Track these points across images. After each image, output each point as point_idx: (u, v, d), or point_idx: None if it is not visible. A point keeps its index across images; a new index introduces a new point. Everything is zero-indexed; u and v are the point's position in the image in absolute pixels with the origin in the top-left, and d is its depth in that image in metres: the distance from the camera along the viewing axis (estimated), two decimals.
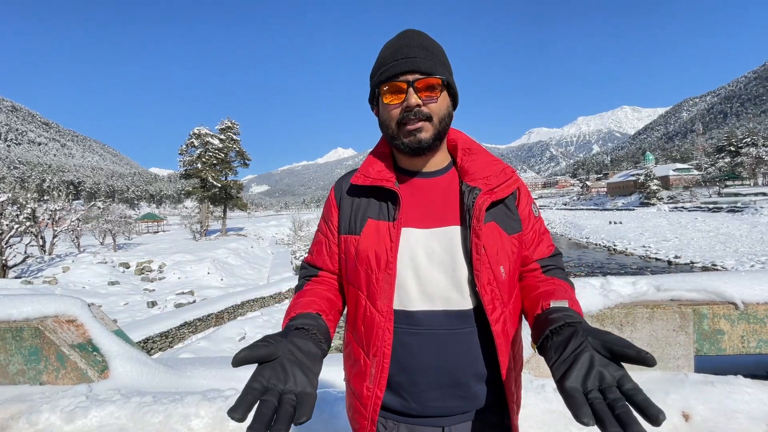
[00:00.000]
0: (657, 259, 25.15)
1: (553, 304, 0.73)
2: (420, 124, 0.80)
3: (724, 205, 48.70)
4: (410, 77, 0.79)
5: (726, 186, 62.38)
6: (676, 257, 24.55)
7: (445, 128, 0.84)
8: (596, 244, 34.86)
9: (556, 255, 0.92)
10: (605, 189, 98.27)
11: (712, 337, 1.64)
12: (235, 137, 41.71)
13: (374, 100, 0.88)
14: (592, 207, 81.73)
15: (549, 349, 0.64)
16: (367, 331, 0.81)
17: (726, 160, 62.77)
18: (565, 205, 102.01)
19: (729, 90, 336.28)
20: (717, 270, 20.26)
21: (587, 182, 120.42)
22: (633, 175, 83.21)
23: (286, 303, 17.75)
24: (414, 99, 0.79)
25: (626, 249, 29.97)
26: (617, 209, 69.57)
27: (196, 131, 39.38)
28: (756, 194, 51.16)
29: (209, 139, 39.06)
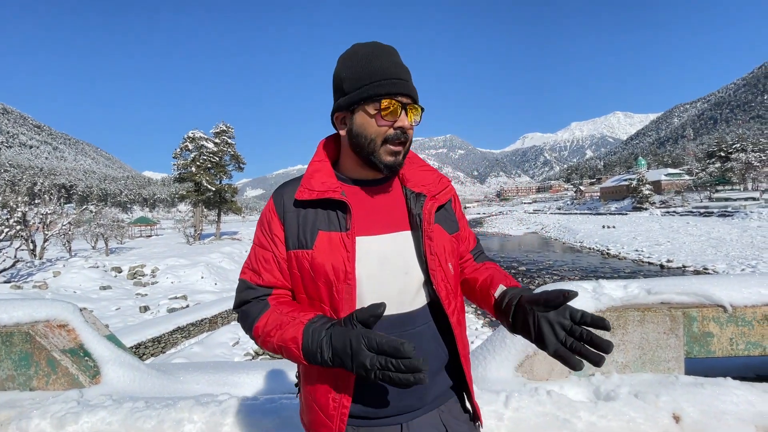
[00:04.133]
0: (650, 263, 25.35)
1: (497, 293, 0.87)
2: (401, 147, 0.84)
3: (715, 210, 49.35)
4: (404, 100, 0.82)
5: (717, 191, 63.25)
6: (668, 261, 24.77)
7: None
8: (590, 248, 35.08)
9: (478, 242, 1.06)
10: (598, 193, 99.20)
11: (702, 340, 1.67)
12: (229, 141, 41.59)
13: (349, 106, 0.84)
14: (585, 211, 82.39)
15: (521, 332, 0.80)
16: None
17: (716, 165, 63.71)
18: (559, 209, 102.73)
19: (719, 96, 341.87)
20: (708, 273, 20.48)
21: (581, 187, 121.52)
22: (626, 180, 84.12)
23: None
24: (407, 122, 0.82)
25: (619, 253, 30.19)
26: (610, 213, 70.19)
27: (190, 135, 39.22)
28: (746, 199, 51.94)
29: (204, 142, 38.91)
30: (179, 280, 20.62)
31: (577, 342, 0.71)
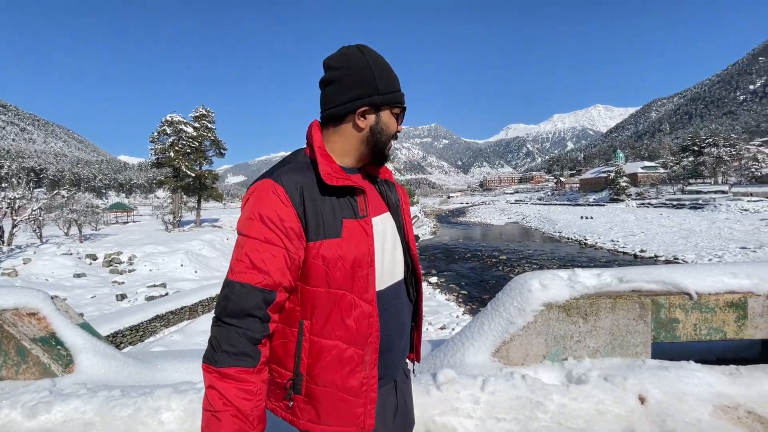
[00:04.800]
0: (624, 253, 26.24)
1: None
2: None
3: (687, 202, 51.30)
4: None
5: (689, 184, 65.64)
6: (641, 251, 25.70)
7: None
8: (568, 239, 36.02)
9: None
10: (578, 185, 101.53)
11: (668, 326, 1.76)
12: (210, 125, 40.46)
13: (382, 105, 0.93)
14: (565, 202, 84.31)
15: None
16: (359, 324, 0.86)
17: (690, 159, 65.97)
18: (540, 200, 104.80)
19: (694, 92, 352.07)
20: (678, 263, 21.38)
21: (561, 178, 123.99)
22: (604, 172, 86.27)
23: None
24: (400, 126, 0.98)
25: (596, 243, 31.12)
26: (588, 205, 72.06)
27: (168, 118, 37.92)
28: (715, 192, 54.11)
29: (183, 126, 37.70)
30: (158, 267, 20.19)
31: None
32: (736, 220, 36.56)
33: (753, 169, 59.51)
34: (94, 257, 20.54)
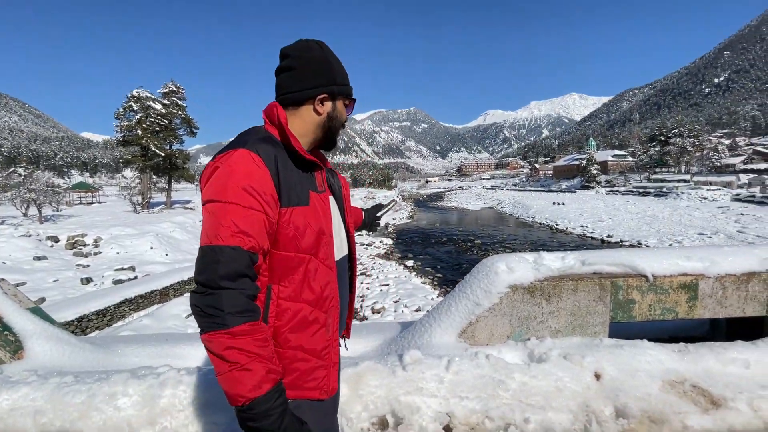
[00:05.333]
0: (592, 238, 27.34)
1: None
2: None
3: (652, 190, 53.71)
4: None
5: (655, 172, 68.57)
6: (608, 237, 26.84)
7: None
8: (540, 224, 37.11)
9: None
10: (552, 172, 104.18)
11: (626, 306, 1.83)
12: (180, 103, 38.69)
13: (338, 94, 1.03)
14: (539, 188, 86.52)
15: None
16: (322, 287, 0.95)
17: (657, 148, 68.70)
18: (515, 186, 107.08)
19: (664, 83, 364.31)
20: (639, 247, 22.48)
21: (536, 165, 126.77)
22: (577, 160, 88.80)
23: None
24: (347, 116, 1.09)
25: (566, 228, 32.23)
26: (561, 191, 74.26)
27: (135, 93, 35.93)
28: (678, 181, 56.83)
29: (150, 103, 35.83)
30: (126, 250, 19.46)
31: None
32: (695, 207, 38.66)
33: (713, 160, 62.73)
34: (56, 239, 19.54)
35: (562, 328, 1.83)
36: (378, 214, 1.52)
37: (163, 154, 35.01)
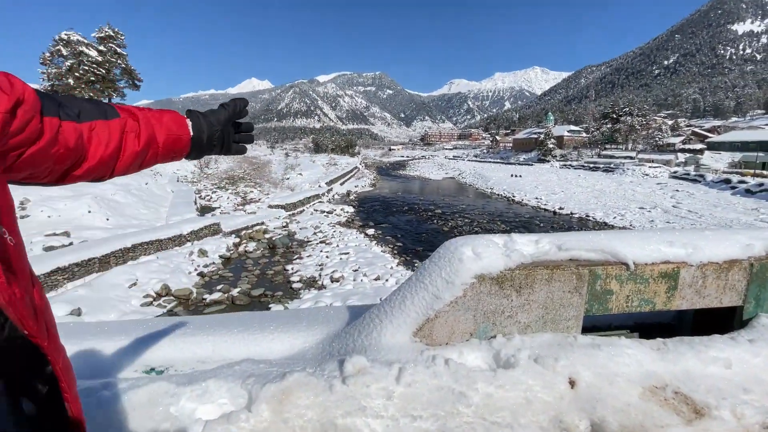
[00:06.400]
0: (545, 210, 28.62)
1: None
2: None
3: (601, 165, 56.77)
4: None
5: (605, 149, 72.29)
6: (560, 208, 28.21)
7: None
8: (498, 195, 38.28)
9: None
10: (511, 144, 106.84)
11: (602, 297, 1.65)
12: (119, 50, 34.76)
13: None
14: (498, 160, 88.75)
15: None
16: None
17: (608, 126, 72.01)
18: (476, 157, 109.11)
19: (619, 62, 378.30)
20: (589, 219, 23.81)
21: (497, 137, 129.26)
22: (535, 134, 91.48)
23: (187, 246, 16.33)
24: None
25: (522, 200, 33.48)
26: (519, 164, 76.66)
27: (63, 36, 31.67)
28: (625, 158, 60.38)
29: (83, 48, 31.84)
30: (58, 214, 17.68)
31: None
32: (638, 183, 41.51)
33: (657, 139, 66.93)
34: None
35: (532, 323, 1.62)
36: (238, 122, 0.98)
37: None
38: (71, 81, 31.16)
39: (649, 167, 49.58)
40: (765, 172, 37.62)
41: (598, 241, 1.65)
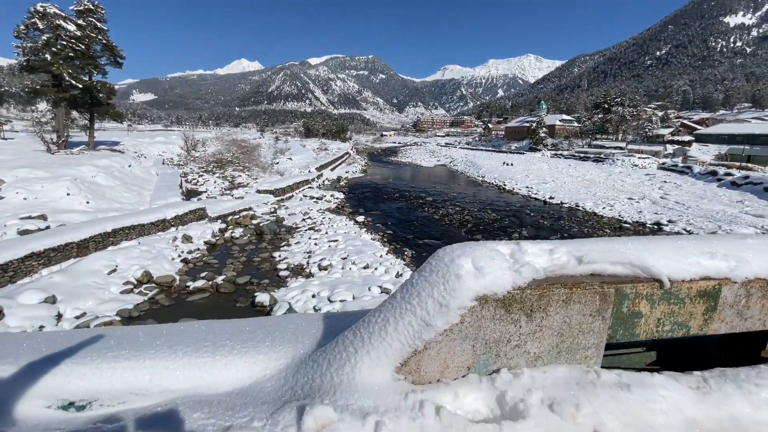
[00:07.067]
0: (536, 199, 28.59)
1: None
2: None
3: (592, 155, 56.95)
4: None
5: (596, 138, 72.47)
6: (550, 198, 28.21)
7: None
8: (489, 183, 38.16)
9: None
10: (503, 132, 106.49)
11: (629, 321, 1.37)
12: (100, 25, 33.08)
13: None
14: (490, 148, 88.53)
15: None
16: None
17: (600, 116, 71.99)
18: (468, 144, 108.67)
19: (612, 52, 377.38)
20: (578, 209, 23.82)
21: (489, 125, 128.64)
22: (527, 122, 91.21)
23: (171, 231, 15.86)
24: None
25: (513, 189, 33.40)
26: (510, 152, 76.57)
27: (39, 8, 29.94)
28: (615, 148, 60.61)
29: (61, 22, 30.16)
30: (35, 196, 16.95)
31: None
32: (627, 174, 41.77)
33: (647, 130, 67.24)
34: None
35: (543, 354, 1.32)
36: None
37: (80, 86, 30.24)
38: (48, 56, 29.63)
39: (639, 158, 49.91)
40: (750, 165, 38.15)
41: (625, 251, 1.36)
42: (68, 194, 17.74)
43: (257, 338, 1.58)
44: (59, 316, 8.99)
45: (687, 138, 60.26)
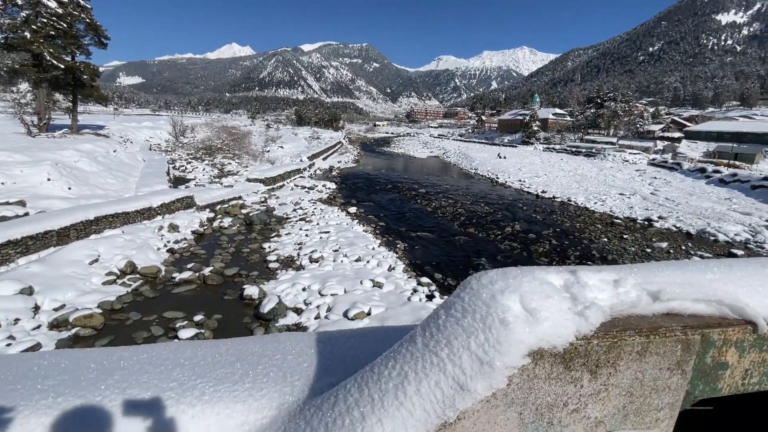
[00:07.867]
0: (528, 193, 28.55)
1: None
2: None
3: (583, 150, 57.15)
4: None
5: (588, 133, 72.76)
6: (543, 192, 28.18)
7: None
8: (482, 176, 38.04)
9: None
10: (496, 125, 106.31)
11: (711, 374, 1.09)
12: (84, 3, 31.67)
13: None
14: (483, 141, 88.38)
15: None
16: None
17: (592, 110, 72.14)
18: (461, 136, 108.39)
19: (606, 47, 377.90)
20: (570, 204, 23.79)
21: (483, 117, 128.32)
22: (521, 115, 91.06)
23: (157, 220, 15.35)
24: None
25: (506, 182, 33.32)
26: (503, 145, 76.54)
27: None
28: (606, 143, 60.94)
29: None
30: (13, 181, 16.26)
31: None
32: (618, 169, 42.02)
33: (638, 125, 67.68)
34: None
35: (606, 419, 1.03)
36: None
37: (62, 66, 29.02)
38: (28, 34, 28.31)
39: (629, 153, 50.26)
40: (737, 163, 38.66)
41: (710, 284, 1.07)
42: (49, 179, 17.06)
43: (235, 376, 1.26)
44: (36, 308, 8.56)
45: (677, 135, 60.80)
